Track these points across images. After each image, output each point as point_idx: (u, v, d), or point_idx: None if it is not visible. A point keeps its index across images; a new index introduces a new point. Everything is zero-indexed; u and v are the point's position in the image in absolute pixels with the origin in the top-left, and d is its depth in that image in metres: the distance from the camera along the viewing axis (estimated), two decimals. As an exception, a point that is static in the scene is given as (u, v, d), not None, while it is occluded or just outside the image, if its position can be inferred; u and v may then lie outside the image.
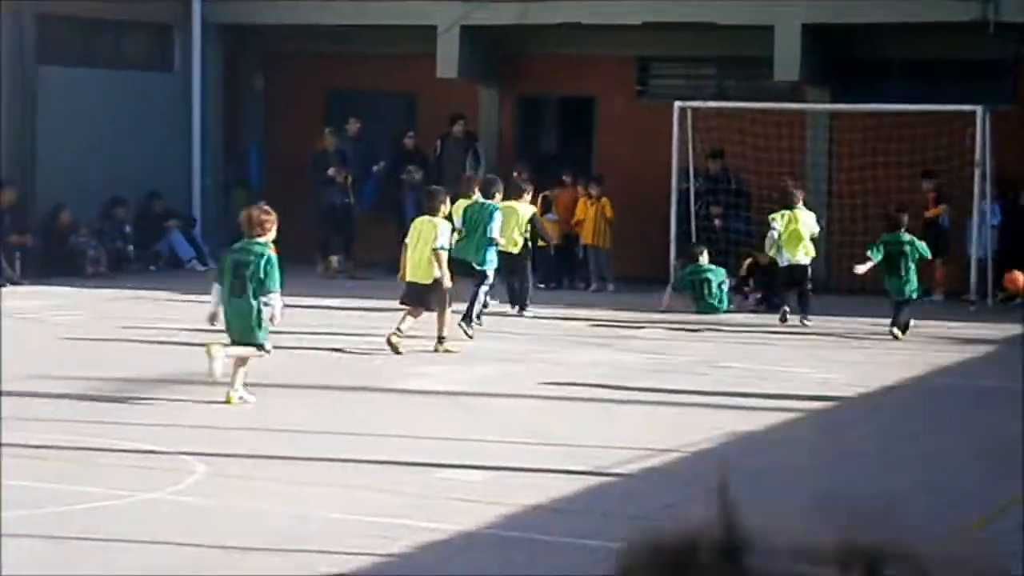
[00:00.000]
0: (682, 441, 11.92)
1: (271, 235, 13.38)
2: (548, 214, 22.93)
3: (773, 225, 19.66)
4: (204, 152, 25.90)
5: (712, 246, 21.67)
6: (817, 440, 12.46)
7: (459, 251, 17.22)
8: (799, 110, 23.43)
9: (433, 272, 16.32)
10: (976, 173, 21.26)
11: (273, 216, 13.49)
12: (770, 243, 19.71)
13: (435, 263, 16.28)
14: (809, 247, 19.63)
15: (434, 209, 16.64)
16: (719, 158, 23.40)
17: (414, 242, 16.59)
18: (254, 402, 13.15)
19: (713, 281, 20.78)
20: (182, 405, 13.13)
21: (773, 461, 11.41)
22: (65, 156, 23.85)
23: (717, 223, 22.90)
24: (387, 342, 16.02)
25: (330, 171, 24.20)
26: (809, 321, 19.24)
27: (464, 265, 17.42)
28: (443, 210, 16.66)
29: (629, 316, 20.04)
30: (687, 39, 24.09)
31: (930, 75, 23.23)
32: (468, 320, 17.32)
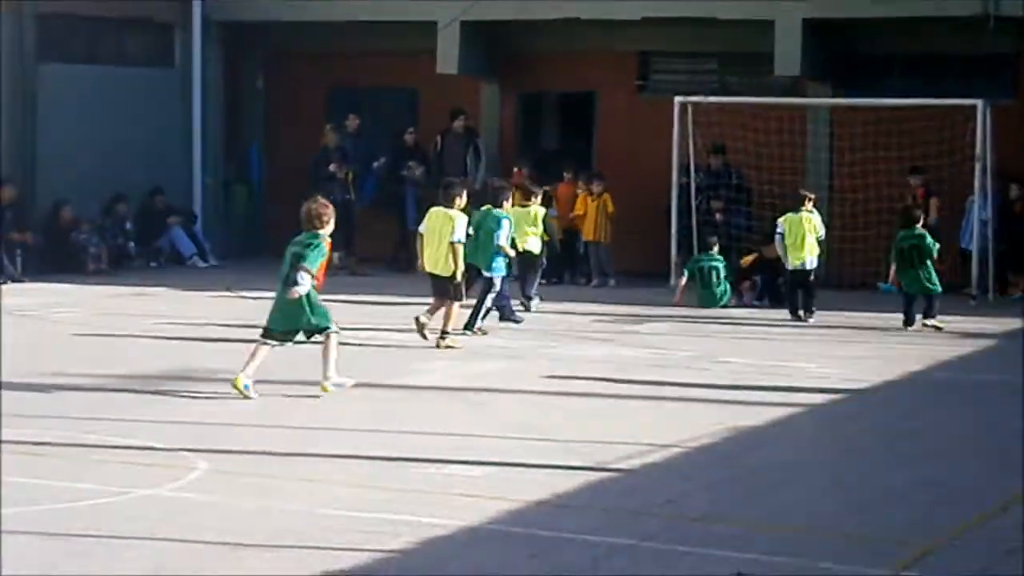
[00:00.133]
0: (684, 436, 11.93)
1: (329, 228, 13.53)
2: (549, 209, 22.93)
3: (778, 229, 19.71)
4: (205, 149, 25.90)
5: (711, 247, 21.67)
6: (818, 435, 12.45)
7: (471, 255, 17.33)
8: (800, 105, 23.44)
9: (450, 265, 16.52)
10: (977, 167, 21.27)
11: (330, 209, 13.66)
12: (779, 245, 19.77)
13: (452, 256, 16.46)
14: (814, 250, 19.57)
15: (450, 201, 16.71)
16: (720, 153, 23.41)
17: (429, 234, 16.77)
18: (350, 384, 13.32)
19: (720, 271, 20.87)
20: (183, 402, 13.13)
21: (774, 456, 11.42)
22: (66, 153, 23.86)
23: (718, 218, 22.91)
24: (415, 321, 16.68)
25: (331, 167, 24.20)
26: (812, 318, 19.26)
27: (475, 268, 17.53)
28: (458, 203, 16.73)
29: (630, 311, 20.04)
30: (688, 34, 24.10)
31: (931, 70, 23.23)
32: (471, 326, 17.36)
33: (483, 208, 17.97)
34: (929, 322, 18.57)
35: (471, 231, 17.32)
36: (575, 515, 9.49)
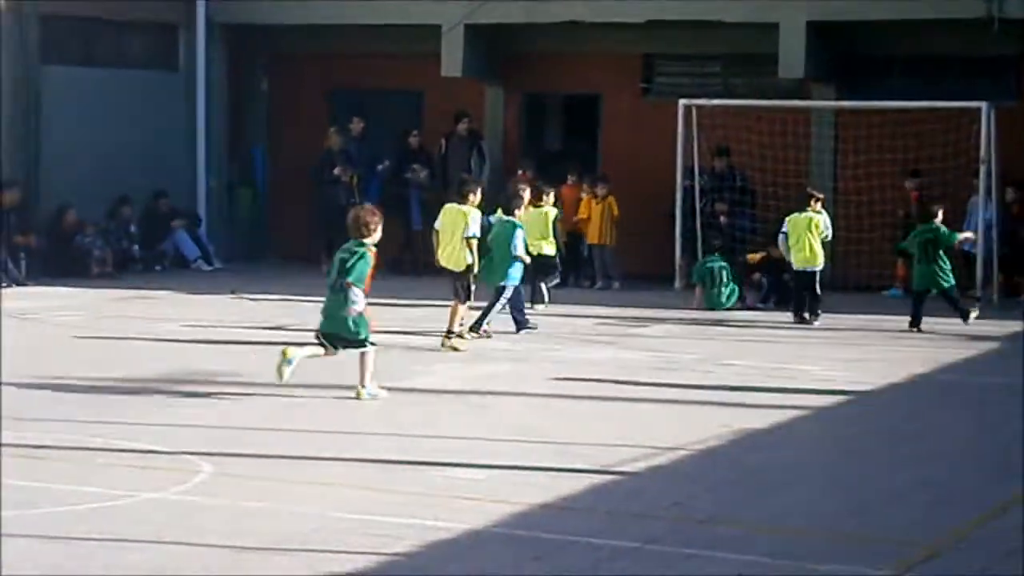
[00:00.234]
0: (688, 439, 11.93)
1: (376, 236, 13.67)
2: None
3: (783, 228, 19.72)
4: (209, 152, 25.92)
5: (716, 249, 21.68)
6: (822, 437, 12.45)
7: (488, 273, 17.41)
8: (804, 107, 23.43)
9: (465, 259, 16.74)
10: (981, 170, 21.26)
11: (378, 217, 13.82)
12: (782, 244, 19.79)
13: (466, 250, 16.71)
14: (817, 253, 19.49)
15: (464, 198, 16.88)
16: (724, 155, 23.41)
17: (444, 231, 16.99)
18: (385, 397, 13.34)
19: (727, 272, 20.90)
20: (187, 405, 13.14)
21: (778, 458, 11.42)
22: (70, 156, 23.88)
23: (722, 220, 22.91)
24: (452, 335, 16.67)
25: (335, 170, 24.21)
26: (818, 321, 19.22)
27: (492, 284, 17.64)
28: (472, 199, 16.86)
29: (634, 314, 20.05)
30: (692, 36, 24.11)
31: (935, 72, 23.22)
32: (477, 327, 17.39)
33: (498, 217, 17.99)
34: (969, 320, 18.90)
35: (489, 243, 17.43)
36: (579, 518, 9.50)
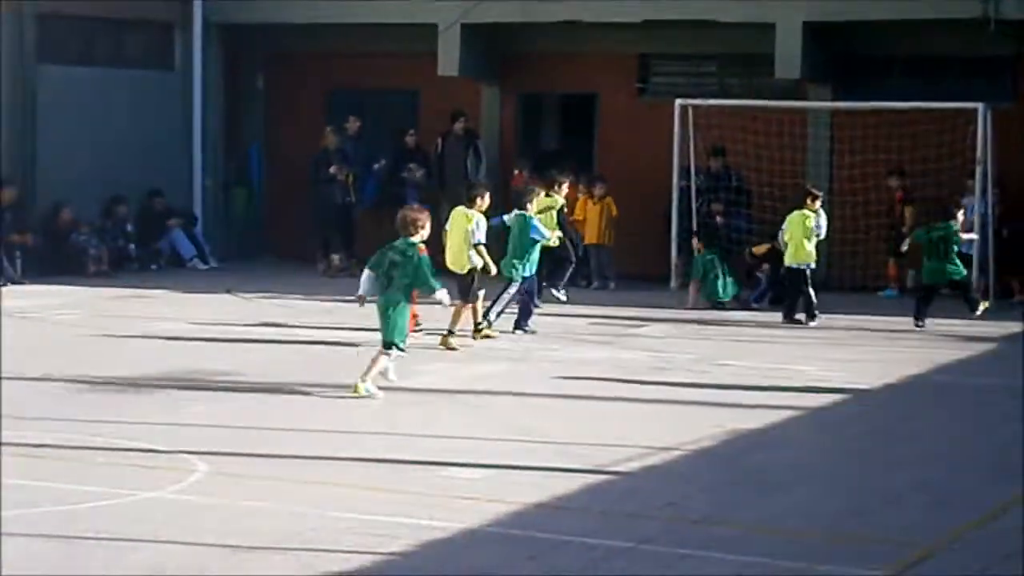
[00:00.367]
0: (683, 439, 11.94)
1: (424, 233, 13.91)
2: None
3: (783, 226, 19.75)
4: (205, 151, 25.91)
5: (714, 243, 21.70)
6: (818, 438, 12.46)
7: (506, 268, 17.67)
8: (800, 108, 23.44)
9: (468, 262, 16.83)
10: (977, 171, 21.28)
11: (425, 215, 14.13)
12: (780, 240, 19.83)
13: (470, 253, 16.82)
14: (807, 251, 19.47)
15: (471, 202, 16.94)
16: (720, 156, 23.42)
17: (449, 233, 17.14)
18: (380, 399, 13.42)
19: (717, 263, 20.95)
20: (183, 404, 13.14)
21: (774, 459, 11.43)
22: (66, 155, 23.87)
23: (718, 220, 22.92)
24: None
25: (332, 169, 24.20)
26: (814, 322, 19.15)
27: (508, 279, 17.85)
28: (479, 204, 16.87)
29: (630, 314, 20.05)
30: (688, 36, 24.11)
31: (931, 73, 23.23)
32: (485, 316, 17.46)
33: (512, 215, 18.07)
34: (978, 311, 19.10)
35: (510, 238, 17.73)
36: (574, 517, 9.51)
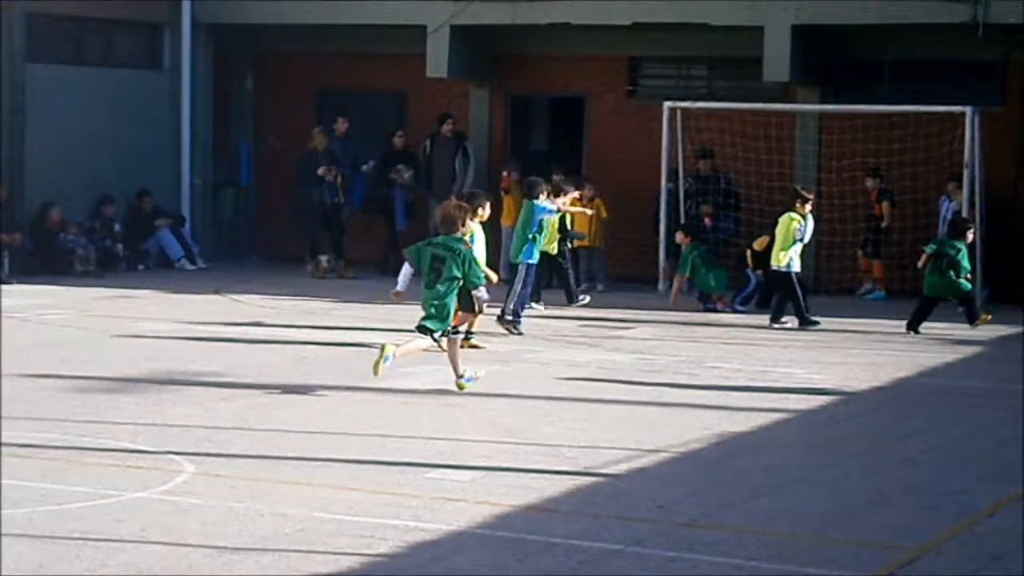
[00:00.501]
0: (671, 441, 11.95)
1: (467, 229, 14.20)
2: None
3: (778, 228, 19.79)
4: (193, 151, 25.89)
5: (699, 236, 21.71)
6: (805, 441, 12.47)
7: (512, 254, 17.94)
8: (789, 111, 23.46)
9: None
10: (965, 174, 21.31)
11: (464, 207, 14.41)
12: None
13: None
14: (789, 254, 19.43)
15: (473, 212, 16.66)
16: (708, 158, 23.44)
17: None
18: (483, 375, 14.04)
19: (702, 256, 21.00)
20: (170, 404, 13.12)
21: (761, 462, 11.44)
22: (54, 154, 23.84)
23: (707, 222, 22.93)
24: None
25: (320, 170, 24.18)
26: (799, 325, 19.13)
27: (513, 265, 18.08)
28: (480, 214, 16.75)
29: (618, 316, 20.06)
30: (677, 39, 24.13)
31: (919, 76, 23.26)
32: (502, 317, 17.53)
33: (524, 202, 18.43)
34: (979, 323, 19.01)
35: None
36: (562, 520, 9.51)
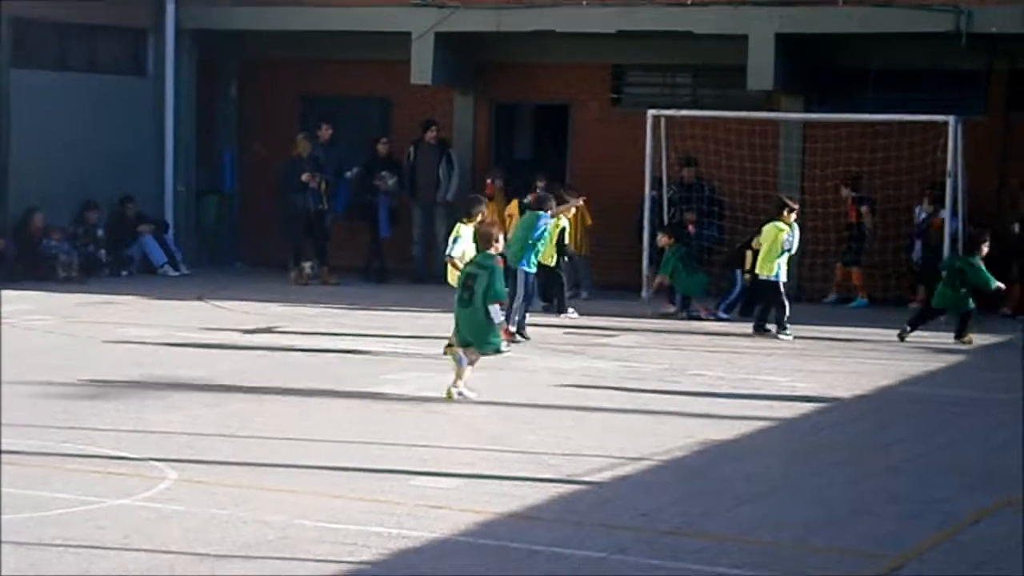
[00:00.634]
0: (655, 449, 11.96)
1: (500, 246, 14.54)
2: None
3: (761, 237, 19.79)
4: (177, 157, 25.84)
5: (681, 239, 21.73)
6: (788, 449, 12.48)
7: (510, 259, 17.96)
8: (773, 119, 23.48)
9: (450, 278, 16.83)
10: (948, 183, 21.35)
11: (497, 227, 14.77)
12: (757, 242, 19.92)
13: (451, 269, 16.80)
14: (774, 263, 19.43)
15: (470, 217, 16.74)
16: (692, 166, 23.45)
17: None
18: (474, 398, 13.90)
19: (692, 262, 21.03)
20: (153, 411, 13.10)
21: (745, 470, 11.44)
22: (38, 160, 23.79)
23: (691, 230, 22.94)
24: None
25: (304, 177, 24.14)
26: (784, 335, 19.09)
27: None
28: (477, 218, 16.76)
29: (602, 323, 20.07)
30: (662, 47, 24.15)
31: (903, 85, 23.31)
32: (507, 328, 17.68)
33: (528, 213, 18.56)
34: (962, 341, 18.77)
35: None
36: (545, 528, 9.51)
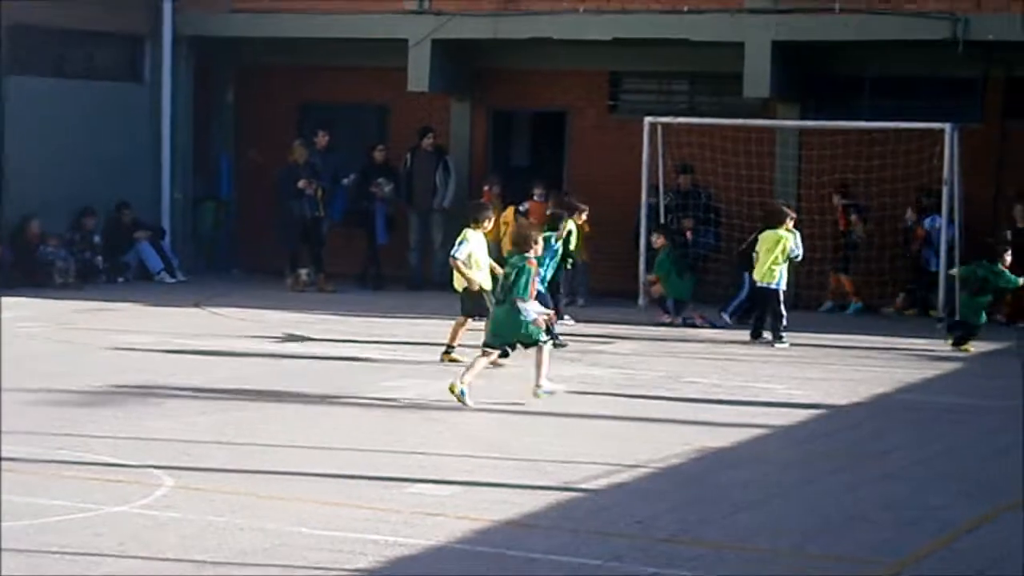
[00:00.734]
0: (651, 456, 11.95)
1: (538, 248, 14.76)
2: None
3: (757, 245, 19.79)
4: (174, 164, 25.86)
5: (682, 261, 21.74)
6: (785, 456, 12.49)
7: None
8: (769, 126, 23.51)
9: (455, 283, 16.81)
10: (944, 191, 21.36)
11: (532, 230, 14.98)
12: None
13: (456, 273, 16.71)
14: (776, 271, 19.43)
15: (477, 223, 16.69)
16: (689, 173, 23.47)
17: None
18: (560, 390, 14.37)
19: (684, 264, 21.05)
20: (150, 418, 13.09)
21: (741, 477, 11.45)
22: (34, 167, 23.79)
23: (688, 237, 22.96)
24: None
25: (301, 183, 24.14)
26: (780, 344, 19.07)
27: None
28: (486, 227, 16.70)
29: (598, 331, 20.07)
30: (658, 55, 24.18)
31: (899, 93, 23.34)
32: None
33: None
34: (961, 349, 18.74)
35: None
36: (542, 535, 9.51)
